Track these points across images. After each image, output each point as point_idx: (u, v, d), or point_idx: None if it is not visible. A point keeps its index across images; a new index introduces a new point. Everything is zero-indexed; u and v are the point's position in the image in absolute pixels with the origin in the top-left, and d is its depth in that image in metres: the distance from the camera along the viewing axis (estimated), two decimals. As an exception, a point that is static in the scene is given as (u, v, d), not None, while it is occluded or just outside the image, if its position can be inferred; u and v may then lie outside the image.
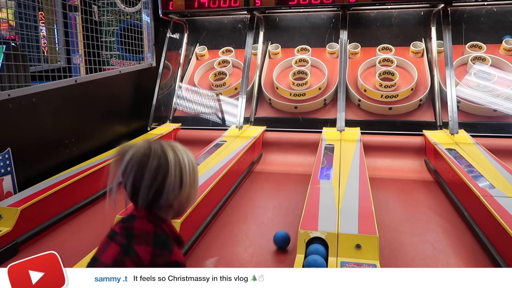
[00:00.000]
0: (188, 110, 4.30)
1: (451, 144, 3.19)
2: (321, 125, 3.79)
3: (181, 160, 1.01)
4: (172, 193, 1.00)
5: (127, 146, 1.03)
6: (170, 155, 1.00)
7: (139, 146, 1.01)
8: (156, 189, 0.99)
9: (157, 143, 1.02)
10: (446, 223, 2.38)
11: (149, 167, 0.98)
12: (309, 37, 4.48)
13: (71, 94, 3.04)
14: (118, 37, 4.79)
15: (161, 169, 0.99)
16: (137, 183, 0.99)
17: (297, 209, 2.57)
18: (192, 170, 1.04)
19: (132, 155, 1.00)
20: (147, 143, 1.02)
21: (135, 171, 0.99)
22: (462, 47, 4.08)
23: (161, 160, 0.99)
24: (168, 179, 0.99)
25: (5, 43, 2.59)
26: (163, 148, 1.01)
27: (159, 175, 0.99)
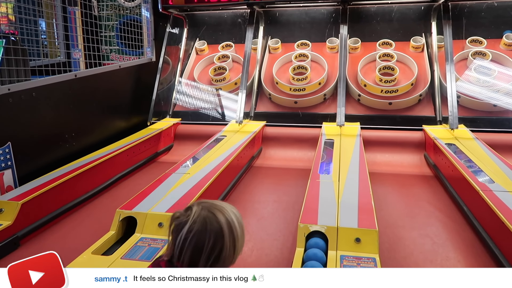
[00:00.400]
0: (188, 105, 4.29)
1: (451, 139, 3.19)
2: (321, 120, 3.79)
3: (231, 226, 1.04)
4: (228, 259, 1.04)
5: (180, 217, 1.06)
6: (223, 224, 1.03)
7: (194, 220, 1.03)
8: (213, 260, 1.02)
9: (208, 211, 1.05)
10: (446, 217, 2.39)
11: (207, 243, 1.01)
12: (309, 32, 4.47)
13: (71, 88, 3.04)
14: (117, 32, 4.78)
15: (217, 243, 1.02)
16: (195, 259, 1.02)
17: (297, 203, 2.57)
18: (242, 232, 1.07)
19: (188, 230, 1.02)
20: (201, 216, 1.04)
21: (193, 246, 1.02)
22: (462, 42, 4.07)
23: (217, 234, 1.02)
24: (224, 250, 1.02)
25: (4, 37, 2.57)
26: (216, 218, 1.04)
27: (216, 248, 1.02)
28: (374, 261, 1.65)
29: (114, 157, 3.01)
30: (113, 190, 2.93)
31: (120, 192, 2.86)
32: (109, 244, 1.91)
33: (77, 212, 2.57)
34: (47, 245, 2.18)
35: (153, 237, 1.88)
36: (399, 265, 1.88)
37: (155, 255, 1.73)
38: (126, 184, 3.06)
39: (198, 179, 2.43)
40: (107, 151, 3.05)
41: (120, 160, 3.10)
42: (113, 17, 4.79)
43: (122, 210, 2.03)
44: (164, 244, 1.82)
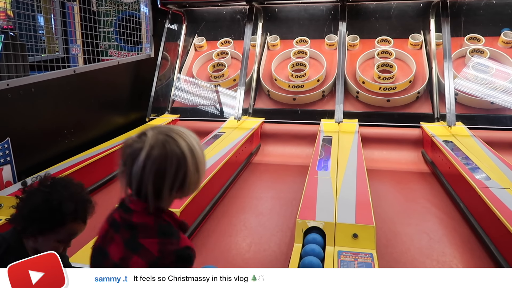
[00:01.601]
0: (186, 101, 4.30)
1: (448, 136, 3.21)
2: (319, 117, 3.81)
3: (193, 149, 0.97)
4: (194, 184, 0.98)
5: (134, 144, 0.96)
6: (184, 148, 0.95)
7: (152, 145, 0.94)
8: (179, 186, 0.96)
9: (165, 135, 0.96)
10: (442, 214, 2.41)
11: (169, 168, 0.94)
12: (308, 29, 4.47)
13: (69, 84, 3.04)
14: (116, 28, 4.77)
15: (181, 167, 0.95)
16: (157, 184, 0.94)
17: (295, 199, 2.59)
18: (203, 153, 1.00)
19: (146, 156, 0.93)
20: (159, 141, 0.95)
21: (154, 174, 0.94)
22: (460, 39, 4.08)
23: (179, 158, 0.94)
24: (188, 174, 0.96)
25: (3, 32, 2.57)
26: (176, 142, 0.95)
27: (179, 173, 0.95)
28: (371, 256, 1.66)
29: (113, 153, 3.01)
30: (112, 185, 2.94)
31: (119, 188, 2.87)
32: (108, 239, 1.92)
33: (76, 207, 2.57)
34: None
35: (152, 233, 1.89)
36: (396, 260, 1.90)
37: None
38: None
39: (196, 175, 2.44)
40: (106, 147, 3.05)
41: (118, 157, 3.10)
42: (112, 13, 4.78)
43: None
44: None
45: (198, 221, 2.20)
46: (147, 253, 0.95)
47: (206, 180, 2.36)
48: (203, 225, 2.27)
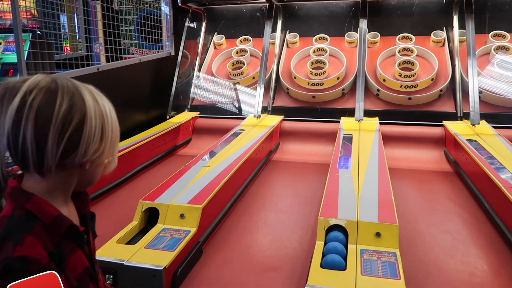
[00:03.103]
0: (206, 99, 4.33)
1: (472, 135, 3.15)
2: (339, 115, 3.78)
3: (100, 104, 0.76)
4: (90, 148, 0.72)
5: (11, 83, 0.69)
6: (86, 96, 0.73)
7: (37, 80, 0.70)
8: (66, 143, 0.69)
9: (65, 78, 0.75)
10: (466, 214, 2.37)
11: (57, 111, 0.68)
12: (327, 26, 4.45)
13: (93, 82, 3.06)
14: (137, 26, 4.84)
15: (76, 112, 0.70)
16: (38, 140, 0.68)
17: (315, 198, 2.59)
18: (115, 121, 0.79)
19: (23, 95, 0.67)
20: (48, 77, 0.72)
21: (33, 122, 0.67)
22: (485, 36, 3.99)
23: (75, 100, 0.70)
24: (86, 127, 0.71)
25: (31, 31, 2.64)
26: (75, 85, 0.73)
27: (73, 121, 0.69)
28: (395, 255, 1.65)
29: (135, 150, 3.06)
30: (134, 181, 2.99)
31: (141, 184, 2.92)
32: (133, 233, 1.96)
33: (100, 202, 2.63)
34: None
35: (175, 228, 1.92)
36: (420, 260, 1.88)
37: (178, 245, 1.77)
38: (146, 176, 3.12)
39: (218, 172, 2.46)
40: (128, 144, 3.10)
41: (140, 153, 3.15)
42: (133, 11, 4.85)
43: (145, 201, 2.08)
44: (186, 235, 1.86)
45: (219, 217, 2.22)
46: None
47: (227, 177, 2.38)
48: (225, 221, 2.29)
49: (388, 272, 1.53)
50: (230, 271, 1.82)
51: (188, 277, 1.76)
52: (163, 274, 1.60)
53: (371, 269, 1.55)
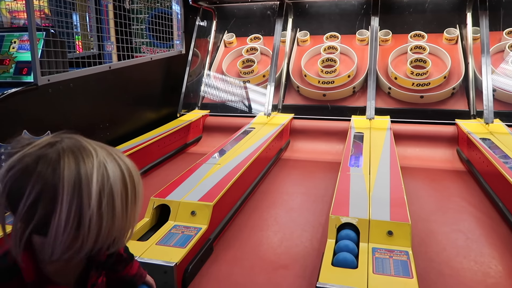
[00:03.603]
0: (216, 97, 4.34)
1: (486, 133, 3.11)
2: (350, 113, 3.76)
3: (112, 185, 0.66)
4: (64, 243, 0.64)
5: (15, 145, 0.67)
6: (65, 168, 0.63)
7: (21, 155, 0.65)
8: (36, 226, 0.64)
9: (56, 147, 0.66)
10: (480, 213, 2.33)
11: (24, 200, 0.63)
12: (338, 24, 4.42)
13: (105, 80, 3.13)
14: (148, 25, 4.86)
15: (43, 202, 0.63)
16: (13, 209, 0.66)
17: (325, 196, 2.58)
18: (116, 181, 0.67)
19: (8, 167, 0.65)
20: (36, 153, 0.65)
21: (6, 195, 0.65)
22: (499, 33, 3.93)
23: (46, 187, 0.63)
24: (55, 216, 0.63)
25: (44, 30, 2.67)
26: (59, 156, 0.65)
27: (37, 208, 0.63)
28: (407, 254, 1.63)
29: (145, 147, 3.09)
30: (145, 179, 3.01)
31: (152, 181, 2.94)
32: (144, 230, 1.97)
33: (112, 199, 2.65)
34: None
35: (186, 225, 1.93)
36: (432, 259, 1.86)
37: (189, 241, 1.78)
38: (157, 174, 3.14)
39: (228, 170, 2.46)
40: (139, 141, 3.13)
41: (151, 150, 3.17)
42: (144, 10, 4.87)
43: (156, 198, 2.09)
44: (197, 232, 1.87)
45: (230, 215, 2.23)
46: None
47: (238, 175, 2.38)
48: (235, 219, 2.29)
49: (400, 270, 1.51)
50: (241, 269, 1.83)
51: (198, 274, 1.77)
52: (174, 271, 1.60)
53: (383, 267, 1.54)
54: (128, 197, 0.68)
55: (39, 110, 2.51)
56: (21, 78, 2.64)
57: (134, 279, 1.02)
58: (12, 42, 2.79)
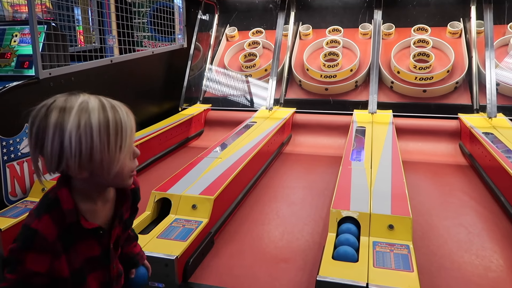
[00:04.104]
0: (218, 91, 4.33)
1: (489, 128, 3.09)
2: (352, 108, 3.74)
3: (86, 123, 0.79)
4: (76, 166, 0.79)
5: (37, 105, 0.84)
6: (71, 117, 0.79)
7: (43, 105, 0.83)
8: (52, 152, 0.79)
9: (62, 99, 0.83)
10: (481, 207, 2.33)
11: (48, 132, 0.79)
12: (341, 18, 4.39)
13: (107, 74, 3.12)
14: (150, 18, 4.84)
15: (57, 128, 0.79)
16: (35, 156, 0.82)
17: (327, 190, 2.57)
18: (105, 124, 0.81)
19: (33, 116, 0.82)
20: (46, 104, 0.83)
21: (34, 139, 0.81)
22: (503, 27, 3.90)
23: (60, 123, 0.79)
24: (64, 148, 0.79)
25: (45, 23, 2.66)
26: (67, 107, 0.80)
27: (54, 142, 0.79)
28: (408, 248, 1.63)
29: (147, 141, 3.09)
30: (147, 172, 3.02)
31: (154, 175, 2.94)
32: (145, 223, 1.97)
33: (113, 193, 2.66)
34: (86, 224, 2.27)
35: (187, 218, 1.93)
36: (433, 253, 1.86)
37: (190, 235, 1.78)
38: (158, 168, 3.14)
39: (229, 164, 2.46)
40: (141, 135, 3.13)
41: (153, 144, 3.17)
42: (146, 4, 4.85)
43: (157, 192, 2.10)
44: (198, 225, 1.87)
45: (231, 209, 2.23)
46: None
47: (239, 169, 2.38)
48: (236, 212, 2.30)
49: (400, 264, 1.51)
50: (242, 262, 1.83)
51: (199, 267, 1.77)
52: (175, 264, 1.61)
53: (383, 261, 1.54)
54: (110, 130, 0.81)
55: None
56: (22, 72, 2.64)
57: (137, 257, 1.12)
58: (14, 36, 2.79)
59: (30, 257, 0.79)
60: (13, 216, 2.03)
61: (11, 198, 2.28)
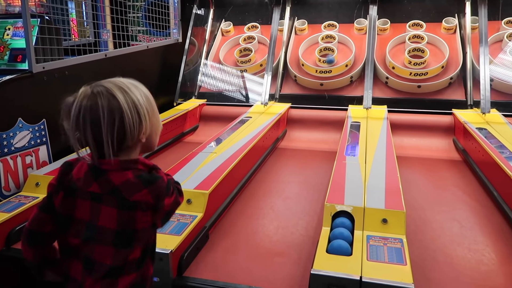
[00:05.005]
0: (213, 86, 4.32)
1: (482, 123, 3.11)
2: (347, 103, 3.75)
3: (131, 94, 0.95)
4: (135, 131, 0.95)
5: (68, 100, 0.95)
6: (117, 93, 0.93)
7: (82, 95, 0.94)
8: (118, 133, 0.92)
9: (99, 85, 0.95)
10: (474, 202, 2.35)
11: (102, 113, 0.91)
12: (337, 13, 4.39)
13: (101, 68, 3.10)
14: (145, 12, 4.81)
15: (115, 111, 0.92)
16: (97, 135, 0.92)
17: (322, 184, 2.58)
18: (146, 99, 0.99)
19: (78, 107, 0.92)
20: (89, 90, 0.94)
21: (89, 124, 0.91)
22: (497, 23, 3.92)
23: (110, 102, 0.92)
24: (126, 118, 0.92)
25: (39, 16, 2.63)
26: (107, 89, 0.93)
27: (115, 118, 0.92)
28: (401, 241, 1.64)
29: (142, 136, 3.07)
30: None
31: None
32: (140, 218, 1.97)
33: (108, 188, 2.65)
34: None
35: (182, 213, 1.93)
36: (426, 247, 1.87)
37: (184, 229, 1.78)
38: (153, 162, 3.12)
39: (224, 158, 2.46)
40: (136, 130, 3.11)
41: (148, 139, 3.16)
42: (140, -2, 4.82)
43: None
44: (192, 219, 1.87)
45: (226, 203, 2.23)
46: (145, 205, 0.96)
47: (234, 163, 2.38)
48: (231, 207, 2.30)
49: (394, 257, 1.53)
50: (236, 256, 1.84)
51: (194, 262, 1.78)
52: (170, 258, 1.61)
53: (377, 254, 1.55)
54: (153, 107, 1.02)
55: (34, 98, 2.49)
56: (15, 66, 2.62)
57: None
58: (6, 29, 2.76)
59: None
60: (7, 210, 2.02)
61: (5, 193, 2.27)
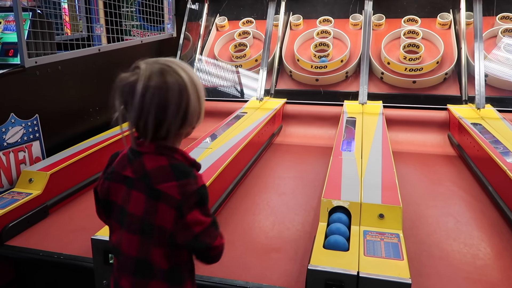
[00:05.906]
0: (208, 82, 4.29)
1: (477, 118, 3.12)
2: (342, 98, 3.75)
3: (192, 77, 0.92)
4: (197, 115, 0.94)
5: (129, 78, 0.91)
6: (183, 75, 0.90)
7: (147, 75, 0.89)
8: (184, 113, 0.90)
9: (161, 64, 0.91)
10: (469, 197, 2.36)
11: (171, 97, 0.88)
12: (332, 8, 4.37)
13: (94, 63, 3.07)
14: (138, 7, 4.76)
15: (182, 95, 0.89)
16: (160, 116, 0.88)
17: (317, 180, 2.58)
18: (201, 83, 0.96)
19: (144, 87, 0.87)
20: (155, 71, 0.89)
21: (156, 106, 0.87)
22: (492, 18, 3.92)
23: (180, 85, 0.89)
24: (190, 102, 0.90)
25: (31, 10, 2.59)
26: (173, 69, 0.90)
27: (183, 101, 0.89)
28: (398, 236, 1.64)
29: (136, 132, 3.04)
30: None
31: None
32: (135, 214, 1.95)
33: (102, 184, 2.63)
34: (74, 214, 2.25)
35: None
36: (422, 242, 1.88)
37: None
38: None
39: (220, 154, 2.45)
40: (130, 126, 3.08)
41: (142, 135, 3.13)
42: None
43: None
44: (188, 215, 1.86)
45: (222, 199, 2.22)
46: (169, 198, 0.90)
47: (229, 159, 2.37)
48: (227, 203, 2.29)
49: (391, 253, 1.52)
50: (233, 252, 1.83)
51: (190, 257, 1.76)
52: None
53: (374, 249, 1.55)
54: (201, 90, 0.95)
55: (26, 93, 2.45)
56: (7, 60, 2.57)
57: None
58: (-2, 23, 2.71)
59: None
60: (0, 207, 1.99)
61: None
